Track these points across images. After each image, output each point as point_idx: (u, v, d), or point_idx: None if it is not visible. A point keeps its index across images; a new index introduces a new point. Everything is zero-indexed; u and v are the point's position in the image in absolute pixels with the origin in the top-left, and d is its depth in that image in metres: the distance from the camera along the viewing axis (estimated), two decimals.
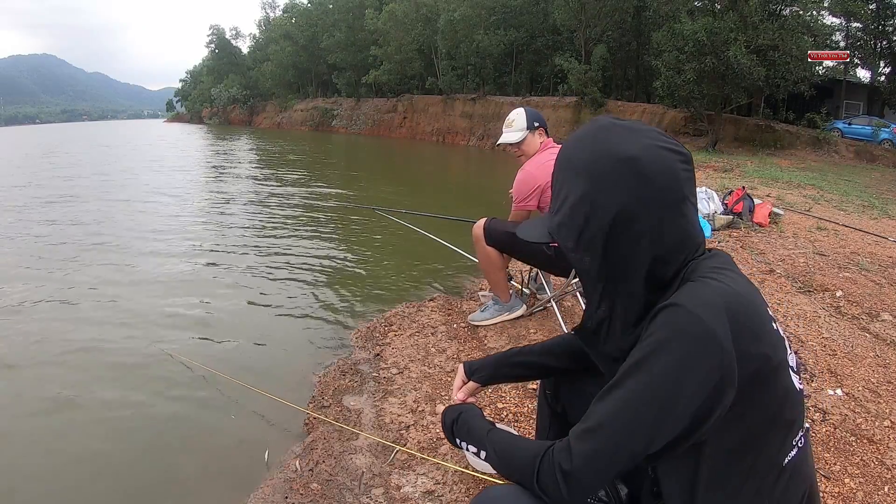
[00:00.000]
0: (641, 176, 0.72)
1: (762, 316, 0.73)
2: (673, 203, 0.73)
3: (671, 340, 0.68)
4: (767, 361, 0.71)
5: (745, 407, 0.71)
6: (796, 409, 0.76)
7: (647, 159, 0.72)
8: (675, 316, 0.69)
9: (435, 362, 2.61)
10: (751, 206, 5.02)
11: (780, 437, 0.75)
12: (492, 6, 29.08)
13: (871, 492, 1.61)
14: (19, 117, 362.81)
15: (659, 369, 0.68)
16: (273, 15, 58.11)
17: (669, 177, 0.72)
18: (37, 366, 3.00)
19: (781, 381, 0.73)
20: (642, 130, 0.76)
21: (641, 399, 0.70)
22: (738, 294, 0.71)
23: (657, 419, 0.69)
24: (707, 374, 0.67)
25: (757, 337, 0.70)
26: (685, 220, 0.75)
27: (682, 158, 0.74)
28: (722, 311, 0.68)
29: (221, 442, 2.26)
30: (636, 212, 0.72)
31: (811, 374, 2.25)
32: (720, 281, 0.72)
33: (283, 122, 47.74)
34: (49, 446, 2.28)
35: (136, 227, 6.74)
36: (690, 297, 0.70)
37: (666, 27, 18.15)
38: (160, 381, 2.78)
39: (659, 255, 0.74)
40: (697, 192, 5.37)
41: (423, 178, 14.62)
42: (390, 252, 5.40)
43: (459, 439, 1.00)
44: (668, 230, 0.73)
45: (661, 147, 0.73)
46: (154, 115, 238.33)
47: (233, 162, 17.70)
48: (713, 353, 0.67)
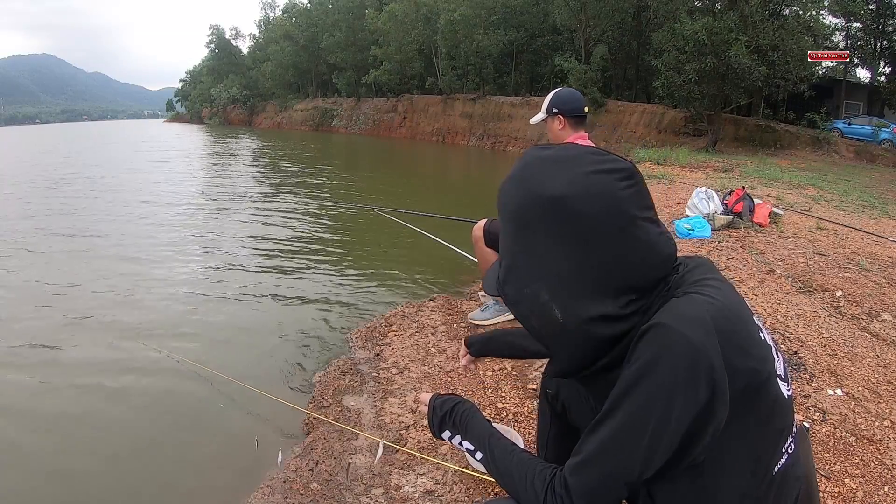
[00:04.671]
0: (571, 214, 0.67)
1: (749, 327, 0.71)
2: (616, 230, 0.67)
3: (658, 362, 0.65)
4: (756, 375, 0.69)
5: (736, 423, 0.69)
6: (786, 418, 0.75)
7: (575, 194, 0.67)
8: (661, 336, 0.65)
9: (435, 362, 2.61)
10: (751, 206, 5.02)
11: (770, 447, 0.74)
12: (492, 6, 29.07)
13: (871, 492, 1.61)
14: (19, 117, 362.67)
15: (648, 394, 0.66)
16: (273, 15, 58.11)
17: (605, 204, 0.67)
18: (38, 365, 3.00)
19: (770, 393, 0.72)
20: (570, 159, 0.70)
21: (633, 428, 0.67)
22: (725, 307, 0.69)
23: (650, 446, 0.67)
24: (698, 393, 0.64)
25: (745, 351, 0.68)
26: (638, 241, 0.68)
27: (622, 175, 0.69)
28: (709, 327, 0.65)
29: (221, 442, 2.26)
30: (564, 253, 0.68)
31: (811, 374, 2.25)
32: (705, 294, 0.69)
33: (283, 123, 47.73)
34: (49, 445, 2.28)
35: (136, 227, 6.74)
36: (675, 316, 0.66)
37: (666, 27, 18.14)
38: (160, 380, 2.78)
39: (603, 286, 0.69)
40: (697, 192, 5.36)
41: (423, 178, 14.61)
42: (390, 252, 5.40)
43: (451, 431, 0.96)
44: (618, 260, 0.68)
45: (593, 173, 0.68)
46: (154, 115, 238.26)
47: (233, 162, 17.70)
48: (702, 372, 0.64)
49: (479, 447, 0.90)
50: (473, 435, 0.92)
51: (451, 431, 0.97)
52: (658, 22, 20.88)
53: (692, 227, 4.59)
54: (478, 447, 0.90)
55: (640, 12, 23.76)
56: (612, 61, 25.07)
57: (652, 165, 11.34)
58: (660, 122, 21.13)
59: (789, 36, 15.49)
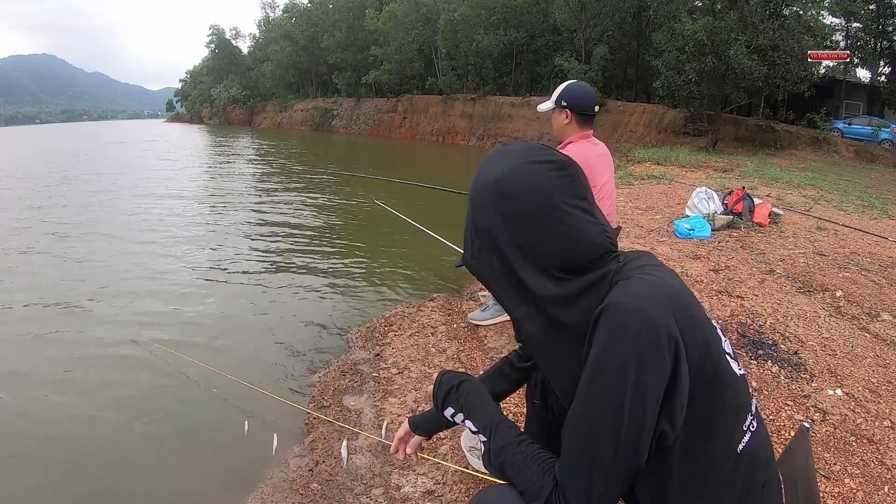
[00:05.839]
0: (504, 195, 0.77)
1: (695, 305, 0.75)
2: (543, 213, 0.76)
3: (620, 337, 0.68)
4: (708, 347, 0.72)
5: (699, 401, 0.71)
6: (740, 395, 0.77)
7: (511, 179, 0.77)
8: (618, 314, 0.69)
9: (435, 362, 2.61)
10: (751, 206, 5.02)
11: (728, 424, 0.75)
12: (492, 6, 29.06)
13: (871, 492, 1.61)
14: (19, 117, 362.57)
15: (614, 375, 0.67)
16: (273, 15, 58.07)
17: (534, 189, 0.76)
18: (41, 363, 3.00)
19: (722, 368, 0.75)
20: (515, 151, 0.81)
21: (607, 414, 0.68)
22: (670, 286, 0.73)
23: (630, 426, 0.68)
24: (664, 358, 0.67)
25: (695, 324, 0.72)
26: (562, 224, 0.76)
27: (554, 167, 0.78)
28: (662, 300, 0.69)
29: (221, 441, 2.26)
30: (502, 228, 0.78)
31: (811, 374, 2.25)
32: (652, 275, 0.73)
33: (283, 123, 47.70)
34: (50, 445, 2.28)
35: (136, 228, 6.74)
36: (627, 294, 0.70)
37: (666, 27, 18.13)
38: (160, 380, 2.79)
39: (541, 265, 0.77)
40: (697, 192, 5.36)
41: (423, 178, 14.60)
42: (391, 252, 5.40)
43: (453, 408, 0.95)
44: (546, 239, 0.76)
45: (529, 162, 0.78)
46: (154, 115, 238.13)
47: (233, 162, 17.70)
48: (664, 339, 0.67)
49: (484, 430, 0.88)
50: (479, 416, 0.91)
51: (453, 408, 0.96)
52: (658, 22, 20.87)
53: (692, 227, 4.59)
54: (481, 430, 0.89)
55: (640, 12, 23.75)
56: (612, 61, 25.04)
57: (652, 165, 11.34)
58: (660, 122, 21.12)
59: (789, 36, 15.47)
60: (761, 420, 0.82)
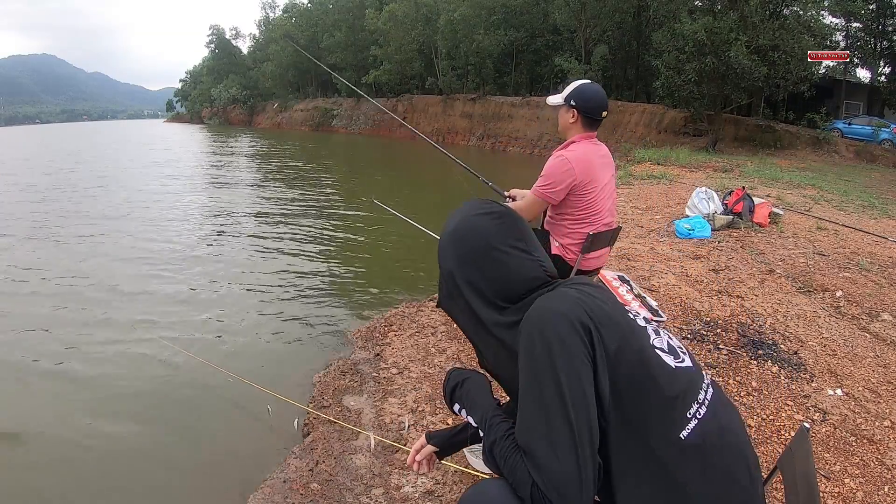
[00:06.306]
0: (456, 241, 0.95)
1: (614, 305, 0.84)
2: (483, 253, 0.92)
3: (539, 332, 0.78)
4: (626, 341, 0.79)
5: (620, 389, 0.77)
6: (677, 385, 0.81)
7: (460, 228, 0.95)
8: (534, 316, 0.81)
9: (435, 362, 2.61)
10: (751, 206, 5.02)
11: (664, 412, 0.78)
12: (492, 6, 29.04)
13: (871, 492, 1.61)
14: (19, 117, 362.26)
15: (545, 362, 0.76)
16: (273, 15, 58.09)
17: (476, 235, 0.93)
18: (45, 357, 3.01)
19: (649, 360, 0.80)
20: (465, 207, 0.99)
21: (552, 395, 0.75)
22: (587, 293, 0.83)
23: (576, 401, 0.74)
24: (581, 339, 0.76)
25: (611, 321, 0.80)
26: (501, 263, 0.91)
27: (494, 216, 0.95)
28: (573, 301, 0.80)
29: (222, 440, 2.26)
30: (457, 268, 0.94)
31: (811, 374, 2.25)
32: (571, 288, 0.85)
33: (283, 122, 47.69)
34: (51, 444, 2.28)
35: (137, 227, 6.74)
36: (541, 301, 0.83)
37: (666, 27, 18.12)
38: (160, 379, 2.79)
39: (487, 297, 0.91)
40: (697, 192, 5.36)
41: (423, 178, 14.60)
42: (391, 252, 5.40)
43: (459, 404, 1.00)
44: (488, 275, 0.92)
45: (474, 215, 0.96)
46: (154, 115, 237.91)
47: (234, 162, 17.69)
48: (577, 325, 0.77)
49: (481, 425, 0.91)
50: (477, 412, 0.94)
51: (459, 404, 1.00)
52: (658, 22, 20.84)
53: (692, 227, 4.59)
54: (479, 425, 0.92)
55: (640, 12, 23.73)
56: (612, 61, 25.04)
57: (652, 165, 11.34)
58: (660, 122, 21.11)
59: (789, 36, 15.47)
60: (725, 408, 0.85)
